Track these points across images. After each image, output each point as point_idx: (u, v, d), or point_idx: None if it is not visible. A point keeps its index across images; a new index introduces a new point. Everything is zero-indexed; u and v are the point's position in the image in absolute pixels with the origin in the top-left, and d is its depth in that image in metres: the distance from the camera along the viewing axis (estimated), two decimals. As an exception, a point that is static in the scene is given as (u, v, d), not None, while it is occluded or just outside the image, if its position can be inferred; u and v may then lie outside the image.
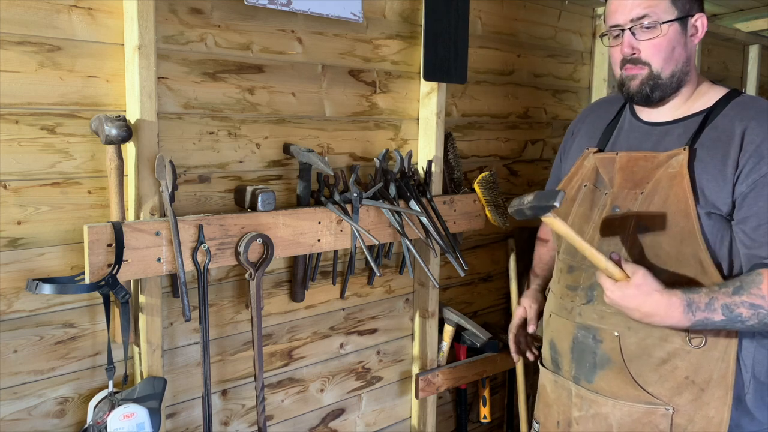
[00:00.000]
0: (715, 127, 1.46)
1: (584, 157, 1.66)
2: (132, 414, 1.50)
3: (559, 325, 1.65)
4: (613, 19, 1.50)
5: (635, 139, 1.59)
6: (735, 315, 1.33)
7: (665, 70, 1.49)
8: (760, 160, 1.37)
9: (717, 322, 1.34)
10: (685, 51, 1.50)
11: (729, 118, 1.45)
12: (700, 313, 1.34)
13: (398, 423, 2.36)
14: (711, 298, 1.35)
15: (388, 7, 2.08)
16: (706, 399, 1.44)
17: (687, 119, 1.52)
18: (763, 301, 1.32)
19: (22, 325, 1.51)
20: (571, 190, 1.66)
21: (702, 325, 1.36)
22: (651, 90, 1.50)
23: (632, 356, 1.49)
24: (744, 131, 1.40)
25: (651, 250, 1.46)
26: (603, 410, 1.53)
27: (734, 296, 1.34)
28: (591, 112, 1.82)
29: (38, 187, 1.49)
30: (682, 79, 1.51)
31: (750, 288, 1.34)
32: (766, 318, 1.33)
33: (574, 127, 1.85)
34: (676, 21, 1.46)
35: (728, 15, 3.40)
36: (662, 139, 1.53)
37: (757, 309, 1.33)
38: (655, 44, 1.47)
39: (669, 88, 1.51)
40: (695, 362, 1.44)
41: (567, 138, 1.86)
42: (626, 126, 1.64)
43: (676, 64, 1.49)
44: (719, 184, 1.40)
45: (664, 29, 1.46)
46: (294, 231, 1.79)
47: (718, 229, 1.42)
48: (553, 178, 1.91)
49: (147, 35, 1.52)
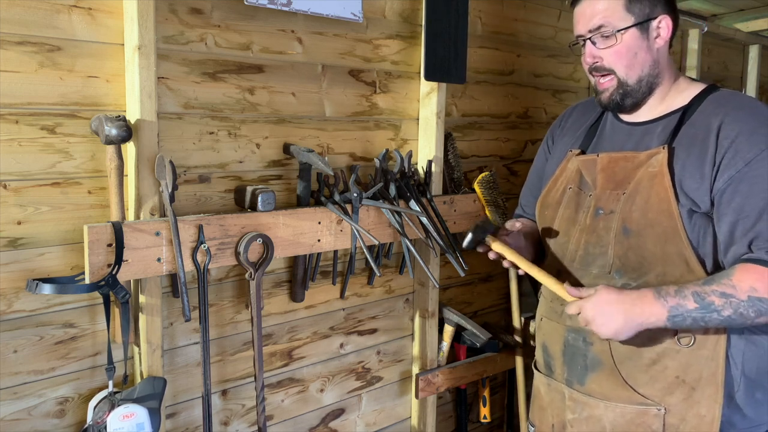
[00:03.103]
0: (692, 124, 1.46)
1: (567, 159, 1.67)
2: (132, 414, 1.50)
3: (550, 329, 1.66)
4: (576, 30, 1.54)
5: (617, 140, 1.59)
6: (707, 303, 1.34)
7: (630, 76, 1.50)
8: (735, 155, 1.37)
9: (692, 310, 1.35)
10: (650, 54, 1.50)
11: (706, 114, 1.46)
12: (671, 299, 1.36)
13: (398, 423, 2.36)
14: (680, 287, 1.37)
15: (388, 7, 2.09)
16: (697, 398, 1.44)
17: (665, 117, 1.53)
18: (734, 290, 1.33)
19: (22, 325, 1.51)
20: (556, 193, 1.66)
21: (679, 315, 1.36)
22: (621, 98, 1.53)
23: (622, 358, 1.49)
24: (719, 127, 1.41)
25: (636, 251, 1.47)
26: (596, 412, 1.53)
27: (704, 286, 1.35)
28: (572, 113, 1.82)
29: (38, 187, 1.49)
30: (653, 82, 1.52)
31: (721, 279, 1.35)
32: (741, 308, 1.33)
33: (553, 129, 1.85)
34: (635, 26, 1.47)
35: (728, 15, 3.40)
36: (642, 138, 1.54)
37: (729, 298, 1.33)
38: (614, 52, 1.49)
39: (639, 93, 1.52)
40: (685, 361, 1.44)
41: (546, 141, 1.85)
42: (608, 127, 1.65)
43: (642, 69, 1.50)
44: (698, 182, 1.41)
45: (619, 37, 1.47)
46: (294, 231, 1.79)
47: (700, 226, 1.42)
48: (533, 178, 1.88)
49: (147, 35, 1.52)
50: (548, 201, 1.68)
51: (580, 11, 1.52)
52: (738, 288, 1.33)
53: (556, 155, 1.75)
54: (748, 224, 1.36)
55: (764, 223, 1.34)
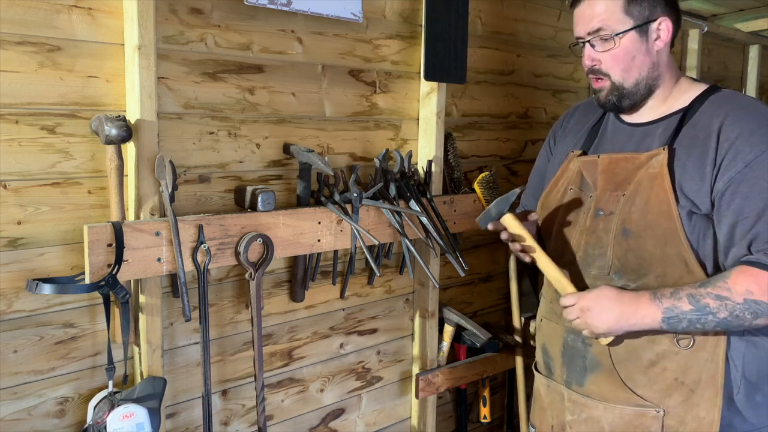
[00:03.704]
0: (693, 125, 1.46)
1: (569, 160, 1.66)
2: (132, 414, 1.50)
3: (550, 330, 1.66)
4: (575, 32, 1.54)
5: (619, 141, 1.59)
6: (702, 305, 1.34)
7: (627, 80, 1.50)
8: (735, 157, 1.37)
9: (686, 312, 1.35)
10: (649, 57, 1.49)
11: (707, 115, 1.45)
12: (666, 300, 1.37)
13: (398, 423, 2.36)
14: (675, 289, 1.38)
15: (388, 7, 2.09)
16: (696, 400, 1.44)
17: (666, 118, 1.52)
18: (729, 293, 1.33)
19: (22, 325, 1.51)
20: (557, 194, 1.66)
21: (674, 317, 1.36)
22: (618, 100, 1.52)
23: (621, 359, 1.49)
24: (720, 128, 1.41)
25: (636, 253, 1.47)
26: (595, 414, 1.53)
27: (699, 288, 1.36)
28: (573, 114, 1.81)
29: (38, 187, 1.49)
30: (652, 84, 1.52)
31: (716, 281, 1.36)
32: (737, 310, 1.33)
33: (555, 130, 1.84)
34: (633, 29, 1.46)
35: (728, 15, 3.40)
36: (643, 139, 1.54)
37: (724, 300, 1.34)
38: (612, 56, 1.48)
39: (637, 95, 1.52)
40: (684, 363, 1.44)
41: (548, 141, 1.85)
42: (610, 128, 1.65)
43: (639, 72, 1.49)
44: (698, 183, 1.41)
45: (617, 41, 1.47)
46: (294, 231, 1.79)
47: (699, 228, 1.42)
48: (534, 179, 1.89)
49: (147, 35, 1.52)
50: (549, 202, 1.68)
51: (579, 13, 1.51)
52: (733, 291, 1.33)
53: (557, 156, 1.75)
54: (748, 225, 1.36)
55: (763, 225, 1.34)
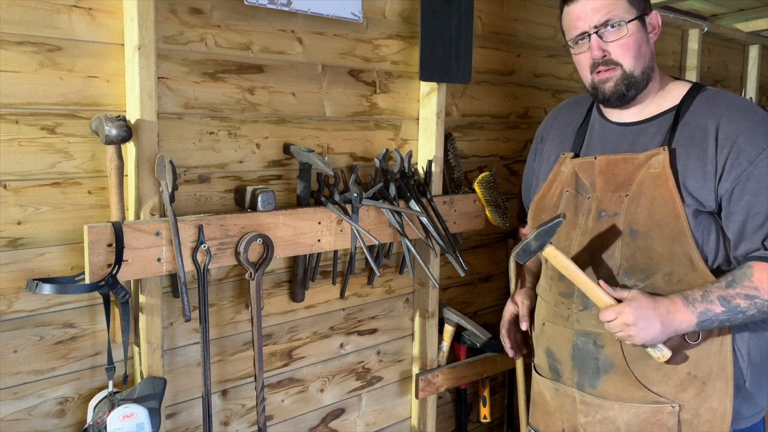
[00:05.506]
0: (687, 124, 1.48)
1: (561, 162, 1.67)
2: (132, 414, 1.50)
3: (556, 333, 1.65)
4: (577, 29, 1.53)
5: (610, 141, 1.60)
6: (733, 306, 1.38)
7: (636, 68, 1.51)
8: (739, 156, 1.40)
9: (719, 314, 1.39)
10: (649, 47, 1.54)
11: (700, 114, 1.48)
12: (699, 305, 1.39)
13: (398, 423, 2.36)
14: (705, 291, 1.40)
15: (388, 7, 2.08)
16: (709, 392, 1.46)
17: (658, 117, 1.54)
18: (757, 291, 1.38)
19: (22, 325, 1.51)
20: (552, 196, 1.66)
21: (707, 319, 1.39)
22: (626, 89, 1.52)
23: (635, 358, 1.49)
24: (717, 128, 1.43)
25: (644, 252, 1.47)
26: (610, 414, 1.53)
27: (728, 289, 1.39)
28: (558, 115, 1.82)
29: (38, 187, 1.49)
30: (650, 75, 1.54)
31: (742, 281, 1.39)
32: (765, 307, 1.39)
33: (542, 131, 1.84)
34: (637, 19, 1.49)
35: (728, 15, 3.39)
36: (637, 139, 1.55)
37: (754, 299, 1.38)
38: (623, 44, 1.49)
39: (641, 84, 1.53)
40: (695, 357, 1.47)
41: (536, 142, 1.85)
42: (597, 128, 1.65)
43: (644, 61, 1.52)
44: (701, 182, 1.43)
45: (630, 28, 1.48)
46: (294, 231, 1.79)
47: (704, 226, 1.45)
48: (526, 184, 1.90)
49: (147, 35, 1.52)
50: (544, 204, 1.68)
51: (581, 8, 1.51)
52: (761, 289, 1.38)
53: (547, 157, 1.76)
54: (759, 221, 1.40)
55: None
